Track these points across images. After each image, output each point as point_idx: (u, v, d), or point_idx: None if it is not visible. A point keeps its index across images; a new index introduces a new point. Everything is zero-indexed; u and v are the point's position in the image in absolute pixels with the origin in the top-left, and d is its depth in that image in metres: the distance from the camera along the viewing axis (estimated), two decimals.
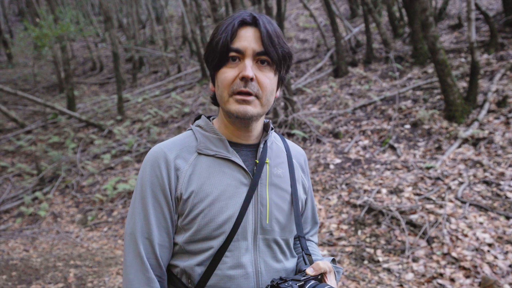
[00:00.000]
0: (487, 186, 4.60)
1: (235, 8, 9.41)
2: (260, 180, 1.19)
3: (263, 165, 1.20)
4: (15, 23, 28.70)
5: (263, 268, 1.17)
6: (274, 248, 1.21)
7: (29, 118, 13.11)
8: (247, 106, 1.10)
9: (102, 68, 18.62)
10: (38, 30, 10.95)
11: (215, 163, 1.17)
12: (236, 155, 1.18)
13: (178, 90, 12.92)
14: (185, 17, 15.81)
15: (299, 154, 1.37)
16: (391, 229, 4.27)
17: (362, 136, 6.58)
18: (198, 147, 1.18)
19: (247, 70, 1.08)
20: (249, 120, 1.14)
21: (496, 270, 3.44)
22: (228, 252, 1.13)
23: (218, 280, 1.13)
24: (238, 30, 1.12)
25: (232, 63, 1.11)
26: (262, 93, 1.11)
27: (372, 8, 9.55)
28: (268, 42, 1.09)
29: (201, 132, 1.21)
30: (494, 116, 5.84)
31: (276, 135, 1.35)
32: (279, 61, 1.12)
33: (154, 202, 1.14)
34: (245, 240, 1.15)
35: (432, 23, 5.96)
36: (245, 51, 1.10)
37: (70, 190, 8.04)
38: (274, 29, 1.13)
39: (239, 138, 1.21)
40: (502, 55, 7.46)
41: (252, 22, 1.12)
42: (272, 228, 1.20)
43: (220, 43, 1.10)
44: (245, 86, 1.09)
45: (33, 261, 4.89)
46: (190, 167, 1.16)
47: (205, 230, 1.12)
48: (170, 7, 23.89)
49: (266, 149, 1.23)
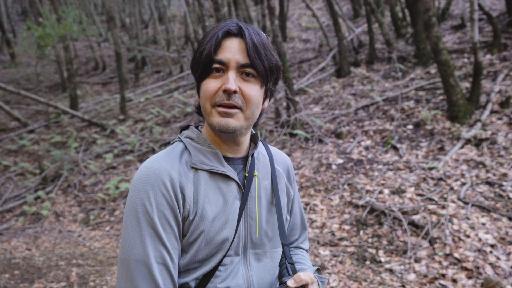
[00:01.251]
0: (490, 187, 4.59)
1: (238, 8, 9.42)
2: (250, 194, 1.17)
3: (252, 178, 1.18)
4: (18, 22, 28.79)
5: (255, 282, 1.17)
6: (266, 261, 1.20)
7: (32, 118, 13.14)
8: (229, 119, 1.06)
9: (105, 67, 18.66)
10: (41, 30, 10.98)
11: (211, 179, 1.12)
12: (231, 169, 1.15)
13: (181, 90, 12.94)
14: (187, 17, 15.83)
15: (283, 161, 1.34)
16: (393, 229, 4.26)
17: (364, 137, 6.57)
18: (192, 161, 1.12)
19: (229, 82, 1.04)
20: (232, 134, 1.10)
21: (499, 271, 3.44)
22: (222, 266, 1.12)
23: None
24: (222, 41, 1.08)
25: (215, 74, 1.07)
26: (246, 106, 1.07)
27: (375, 8, 9.54)
28: (254, 54, 1.05)
29: (193, 145, 1.15)
30: (497, 116, 5.83)
31: (260, 144, 1.30)
32: (265, 74, 1.08)
33: (164, 224, 1.03)
34: (237, 255, 1.15)
35: (435, 24, 5.94)
36: (228, 62, 1.06)
37: (73, 189, 8.06)
38: (261, 40, 1.09)
39: (227, 151, 1.17)
40: (505, 55, 7.44)
41: (237, 33, 1.08)
42: (262, 242, 1.19)
43: (203, 54, 1.07)
44: (228, 99, 1.05)
45: (35, 260, 4.90)
46: (192, 185, 1.10)
47: (204, 251, 1.09)
48: (173, 7, 23.93)
49: (254, 162, 1.21)
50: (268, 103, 1.22)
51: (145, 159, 6.89)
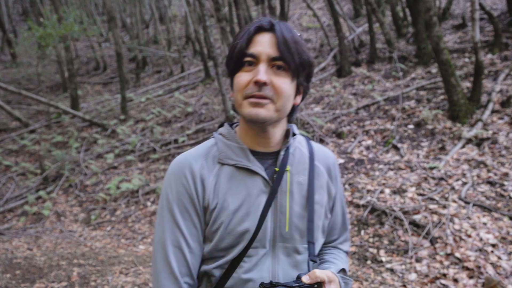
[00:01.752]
0: (491, 187, 4.58)
1: (239, 8, 9.42)
2: (280, 188, 1.19)
3: (283, 173, 1.19)
4: (19, 22, 28.82)
5: (281, 276, 1.18)
6: (295, 257, 1.20)
7: (32, 118, 13.16)
8: (259, 109, 1.10)
9: (106, 67, 18.67)
10: (42, 30, 10.98)
11: (236, 173, 1.17)
12: (257, 164, 1.18)
13: (181, 90, 12.94)
14: (188, 17, 15.83)
15: (326, 158, 1.32)
16: (394, 229, 4.26)
17: (365, 136, 6.56)
18: (219, 157, 1.19)
19: (260, 74, 1.08)
20: (262, 124, 1.13)
21: (500, 271, 3.43)
22: (247, 257, 1.16)
23: (234, 282, 1.16)
24: (254, 35, 1.12)
25: (247, 67, 1.12)
26: (277, 97, 1.11)
27: (376, 8, 9.53)
28: (284, 48, 1.09)
29: (223, 141, 1.22)
30: (498, 116, 5.82)
31: (302, 139, 1.32)
32: (295, 67, 1.12)
33: (183, 211, 1.15)
34: (264, 247, 1.17)
35: (436, 23, 5.94)
36: (259, 56, 1.10)
37: (74, 189, 8.07)
38: (293, 35, 1.12)
39: (259, 146, 1.21)
40: (506, 55, 7.43)
41: (269, 28, 1.13)
42: (292, 236, 1.19)
43: (236, 49, 1.12)
44: (258, 90, 1.09)
45: (36, 260, 4.91)
46: (214, 177, 1.17)
47: (226, 241, 1.15)
48: (174, 7, 23.93)
49: (287, 156, 1.21)
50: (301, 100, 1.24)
51: (146, 160, 6.88)
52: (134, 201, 7.04)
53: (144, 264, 4.65)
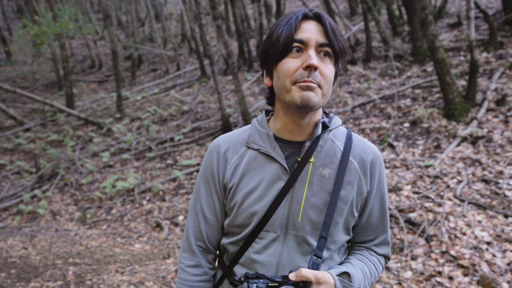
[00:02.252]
0: (486, 185, 4.60)
1: (234, 6, 9.41)
2: (300, 178, 1.19)
3: (305, 164, 1.19)
4: (14, 20, 28.64)
5: (286, 262, 1.20)
6: (304, 247, 1.20)
7: (28, 116, 13.09)
8: (310, 92, 1.11)
9: (101, 66, 18.60)
10: (37, 28, 10.93)
11: (258, 158, 1.23)
12: (279, 152, 1.21)
13: (177, 88, 12.91)
14: (184, 15, 15.79)
15: (363, 154, 1.26)
16: (390, 227, 4.27)
17: (361, 134, 6.58)
18: (247, 140, 1.26)
19: (312, 59, 1.09)
20: (309, 110, 1.14)
21: (495, 268, 3.45)
22: (258, 239, 1.22)
23: (245, 260, 1.25)
24: (301, 22, 1.14)
25: (295, 53, 1.13)
26: (324, 83, 1.13)
27: (372, 7, 9.54)
28: (332, 35, 1.12)
29: (255, 126, 1.28)
30: (493, 114, 5.84)
31: (342, 133, 1.29)
32: (340, 54, 1.16)
33: (206, 185, 1.31)
34: (274, 232, 1.21)
35: (432, 22, 5.95)
36: (308, 42, 1.12)
37: (69, 188, 8.04)
38: (334, 25, 1.16)
39: (290, 134, 1.22)
40: (501, 53, 7.46)
41: (314, 17, 1.15)
42: (303, 227, 1.19)
43: (283, 35, 1.13)
44: (308, 76, 1.10)
45: (32, 259, 4.89)
46: (238, 159, 1.26)
47: (239, 219, 1.24)
48: (169, 5, 23.86)
49: (313, 148, 1.20)
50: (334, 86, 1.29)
51: (141, 158, 6.85)
52: (130, 199, 7.03)
53: (140, 262, 4.65)
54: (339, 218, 1.21)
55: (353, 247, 1.37)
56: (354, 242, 1.36)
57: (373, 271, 1.29)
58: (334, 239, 1.23)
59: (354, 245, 1.37)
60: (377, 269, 1.31)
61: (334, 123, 1.28)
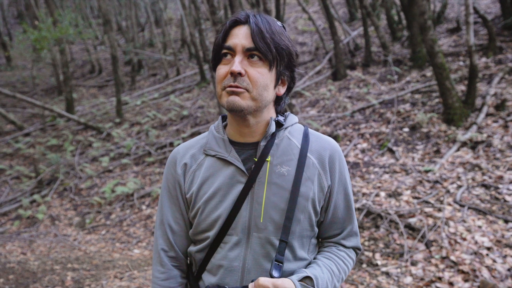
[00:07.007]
0: (486, 190, 4.59)
1: (234, 11, 9.40)
2: (259, 179, 1.20)
3: (262, 163, 1.19)
4: (14, 25, 28.72)
5: (251, 266, 1.19)
6: (268, 248, 1.19)
7: (27, 121, 13.09)
8: (236, 97, 1.13)
9: (101, 70, 18.62)
10: (37, 33, 10.95)
11: (216, 163, 1.24)
12: (235, 155, 1.21)
13: (177, 93, 12.92)
14: (184, 20, 15.83)
15: (322, 149, 1.26)
16: (390, 232, 4.26)
17: (360, 139, 6.58)
18: (204, 147, 1.27)
19: (234, 65, 1.11)
20: (241, 113, 1.15)
21: (495, 274, 3.44)
22: (223, 243, 1.22)
23: (211, 267, 1.24)
24: (231, 29, 1.17)
25: (225, 60, 1.17)
26: (252, 87, 1.13)
27: (371, 12, 9.57)
28: (258, 38, 1.11)
29: (212, 133, 1.29)
30: (493, 119, 5.85)
31: (298, 130, 1.29)
32: (272, 57, 1.13)
33: (168, 196, 1.31)
34: (237, 235, 1.20)
35: (431, 27, 5.97)
36: (235, 47, 1.14)
37: (68, 193, 8.02)
38: (270, 26, 1.14)
39: (242, 137, 1.24)
40: (501, 58, 7.47)
41: (245, 21, 1.15)
42: (266, 227, 1.19)
43: (215, 42, 1.18)
44: (234, 81, 1.12)
45: (30, 264, 4.87)
46: (196, 166, 1.27)
47: (202, 225, 1.23)
48: (169, 10, 23.93)
49: (269, 147, 1.21)
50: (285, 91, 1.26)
51: (141, 163, 6.85)
52: (129, 204, 7.01)
53: (139, 268, 4.63)
54: (301, 214, 1.21)
55: (322, 243, 1.37)
56: (323, 238, 1.37)
57: (341, 267, 1.29)
58: (297, 237, 1.22)
59: (323, 241, 1.37)
60: (346, 264, 1.31)
61: (289, 121, 1.29)
